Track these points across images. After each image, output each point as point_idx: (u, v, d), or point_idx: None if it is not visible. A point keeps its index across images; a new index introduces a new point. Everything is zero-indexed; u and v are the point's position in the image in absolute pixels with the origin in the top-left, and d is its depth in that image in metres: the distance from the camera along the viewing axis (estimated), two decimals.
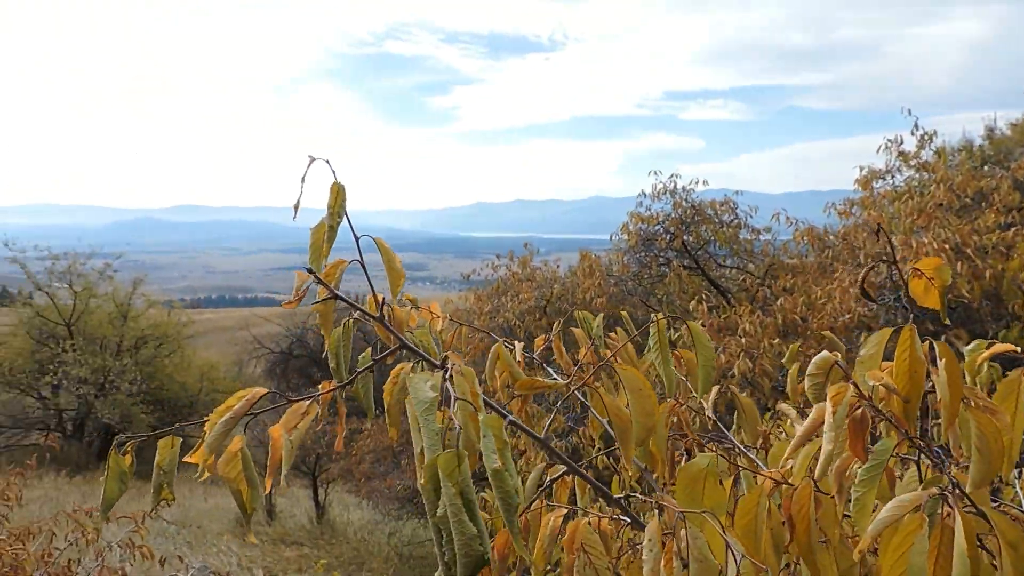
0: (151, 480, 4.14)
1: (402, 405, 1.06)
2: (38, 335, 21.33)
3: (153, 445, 4.76)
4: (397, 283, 1.17)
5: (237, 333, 34.11)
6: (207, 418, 3.98)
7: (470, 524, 0.64)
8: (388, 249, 1.14)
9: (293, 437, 0.97)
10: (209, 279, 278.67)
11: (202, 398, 22.08)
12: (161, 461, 0.96)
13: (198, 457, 0.94)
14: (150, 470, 4.48)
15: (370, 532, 13.11)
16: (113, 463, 1.02)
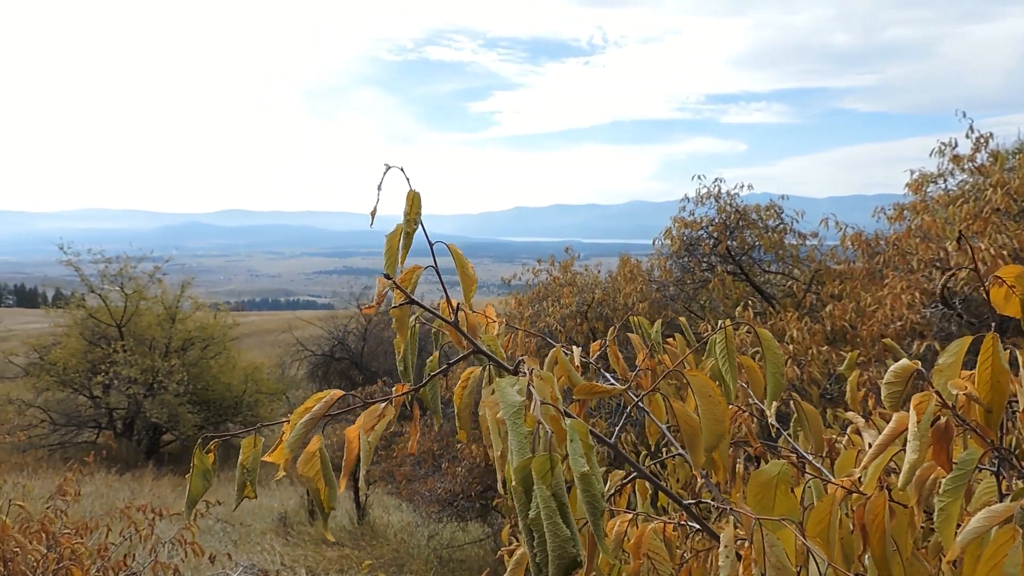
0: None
1: (472, 408, 1.07)
2: (91, 336, 21.95)
3: (200, 446, 4.87)
4: (470, 289, 1.18)
5: (280, 336, 34.68)
6: (254, 418, 4.09)
7: (564, 527, 0.65)
8: (461, 255, 1.15)
9: (371, 438, 0.98)
10: (253, 282, 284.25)
11: (246, 399, 22.45)
12: (245, 460, 0.98)
13: (277, 456, 0.96)
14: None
15: (410, 534, 13.19)
16: (198, 461, 1.05)
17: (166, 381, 20.30)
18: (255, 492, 1.04)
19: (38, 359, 22.10)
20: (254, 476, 1.02)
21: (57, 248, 21.76)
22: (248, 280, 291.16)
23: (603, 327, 9.88)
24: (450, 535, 12.28)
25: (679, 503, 1.03)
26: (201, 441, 1.08)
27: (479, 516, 10.99)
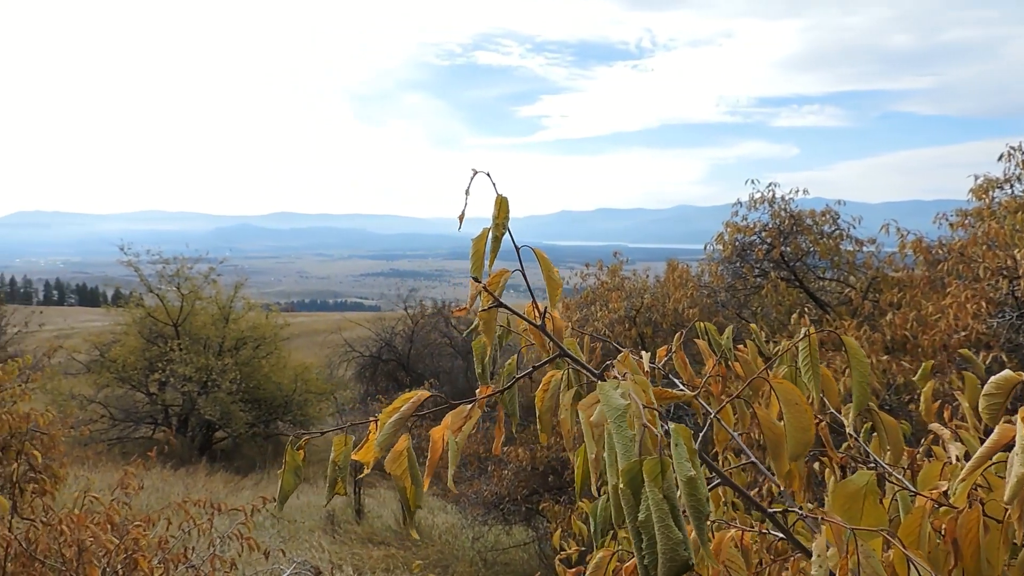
0: (247, 476, 4.30)
1: (553, 411, 1.07)
2: (148, 335, 22.60)
3: (250, 443, 4.99)
4: (555, 292, 1.19)
5: (328, 336, 35.24)
6: (304, 417, 4.15)
7: (676, 529, 0.65)
8: (547, 259, 1.16)
9: (459, 439, 1.00)
10: (303, 284, 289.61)
11: (296, 398, 22.82)
12: (336, 458, 1.00)
13: (365, 454, 0.98)
14: (248, 466, 4.67)
15: (454, 536, 13.25)
16: (289, 458, 1.08)
17: (219, 379, 20.74)
18: (345, 489, 1.06)
19: (99, 356, 22.85)
20: (344, 473, 1.04)
21: (117, 249, 22.46)
22: (297, 281, 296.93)
23: (651, 332, 9.79)
24: (494, 538, 12.31)
25: (764, 512, 1.01)
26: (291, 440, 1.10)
27: (524, 520, 10.99)
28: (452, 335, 25.28)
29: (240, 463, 20.30)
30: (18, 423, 5.63)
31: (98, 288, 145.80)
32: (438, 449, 0.97)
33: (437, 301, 27.55)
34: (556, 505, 8.43)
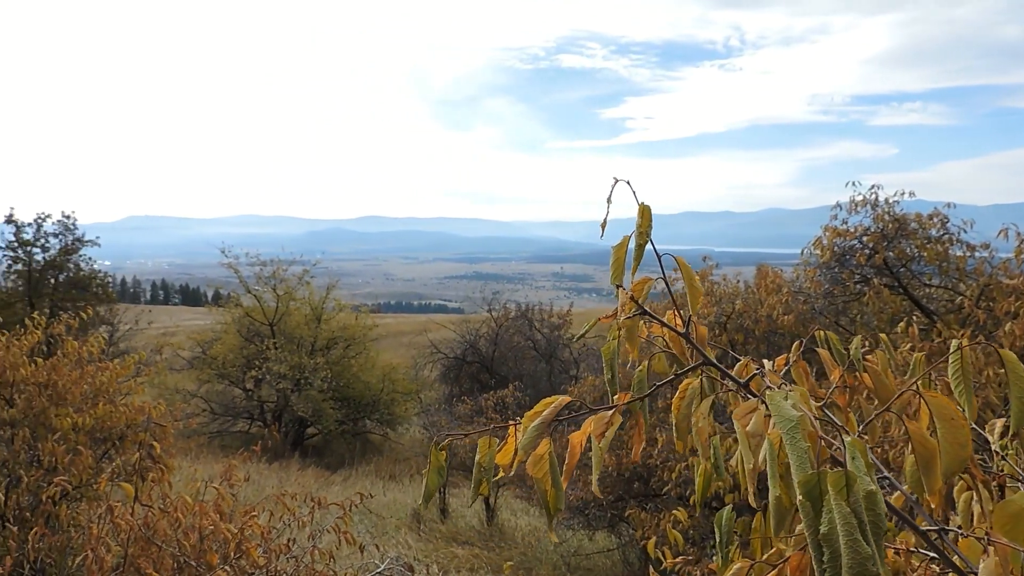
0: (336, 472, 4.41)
1: (689, 419, 1.06)
2: (246, 333, 23.62)
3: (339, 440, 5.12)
4: (696, 300, 1.18)
5: (414, 338, 35.95)
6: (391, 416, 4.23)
7: (864, 544, 0.63)
8: (688, 267, 1.15)
9: (602, 444, 1.00)
10: (388, 285, 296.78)
11: (383, 397, 23.32)
12: (482, 459, 1.02)
13: (504, 457, 1.00)
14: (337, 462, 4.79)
15: (537, 538, 13.26)
16: (433, 457, 1.10)
17: (311, 378, 21.44)
18: (489, 489, 1.08)
19: (201, 353, 24.06)
20: (490, 475, 1.06)
21: (218, 251, 23.58)
22: (384, 283, 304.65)
23: (743, 339, 9.52)
24: (577, 543, 12.24)
25: (915, 529, 0.96)
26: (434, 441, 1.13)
27: (608, 526, 10.88)
28: (535, 338, 25.33)
29: (330, 459, 20.92)
30: (134, 415, 6.00)
31: (199, 288, 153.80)
32: (576, 453, 0.97)
33: (520, 304, 27.66)
34: (643, 512, 8.31)
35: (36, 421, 5.55)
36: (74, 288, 22.22)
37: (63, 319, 6.40)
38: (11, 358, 5.68)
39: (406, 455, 21.88)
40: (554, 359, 24.35)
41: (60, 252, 21.95)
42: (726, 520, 1.11)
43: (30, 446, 5.49)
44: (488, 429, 1.07)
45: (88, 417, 5.67)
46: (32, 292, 21.32)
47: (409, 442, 23.44)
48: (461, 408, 14.79)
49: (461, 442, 13.94)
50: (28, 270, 21.50)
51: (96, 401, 5.94)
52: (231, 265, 23.07)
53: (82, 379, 5.94)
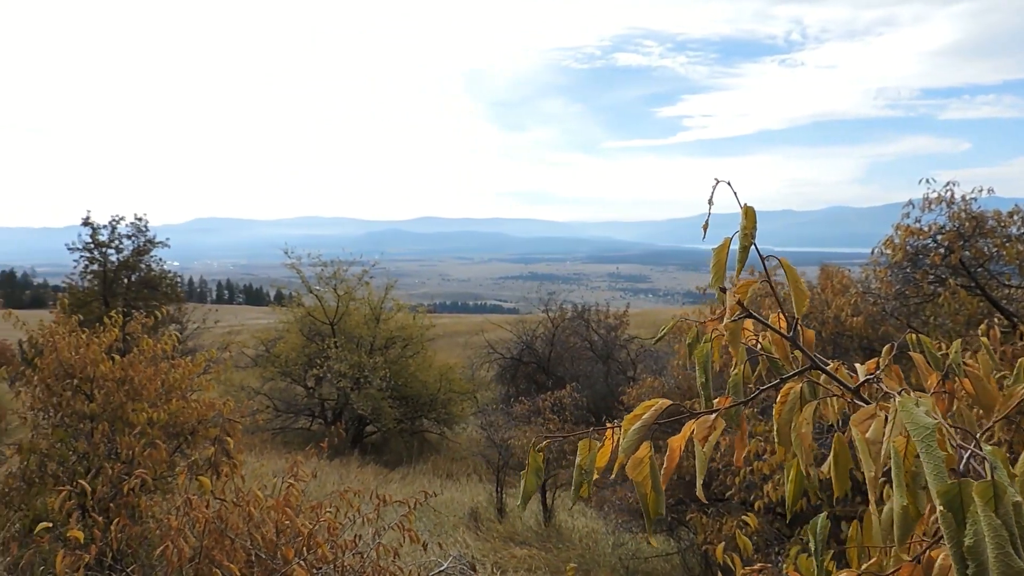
0: (395, 469, 4.44)
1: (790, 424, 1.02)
2: (308, 332, 24.15)
3: (397, 438, 5.17)
4: (802, 303, 1.14)
5: (470, 338, 36.16)
6: (447, 415, 4.26)
7: (1016, 558, 0.59)
8: (793, 269, 1.12)
9: (706, 449, 0.98)
10: (444, 286, 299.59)
11: (440, 397, 23.52)
12: (582, 461, 1.01)
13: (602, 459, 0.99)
14: (396, 460, 4.82)
15: (595, 541, 13.18)
16: (531, 459, 1.10)
17: (371, 376, 21.77)
18: (589, 491, 1.07)
19: (264, 351, 24.71)
20: (591, 476, 1.05)
21: (280, 252, 24.17)
22: (439, 283, 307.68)
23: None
24: (635, 546, 12.12)
25: None
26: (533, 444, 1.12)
27: (667, 530, 10.74)
28: (592, 339, 25.19)
29: (388, 457, 21.21)
30: (205, 411, 6.19)
31: (262, 288, 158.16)
32: (675, 457, 0.95)
33: (577, 305, 27.54)
34: (704, 517, 8.17)
35: (114, 415, 5.78)
36: (145, 287, 23.08)
37: (138, 318, 6.65)
38: (91, 355, 5.93)
39: (463, 454, 22.03)
40: (611, 360, 24.17)
41: (133, 253, 22.82)
42: (820, 528, 1.08)
43: (109, 439, 5.73)
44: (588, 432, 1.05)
45: (162, 412, 5.88)
46: (107, 291, 22.23)
47: (466, 441, 23.59)
48: (518, 408, 14.80)
49: (518, 441, 13.97)
50: (103, 270, 22.42)
51: (169, 397, 6.15)
52: (294, 266, 23.60)
53: (156, 376, 6.15)
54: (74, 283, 22.76)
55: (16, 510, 5.45)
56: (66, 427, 5.81)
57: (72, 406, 5.81)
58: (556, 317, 26.30)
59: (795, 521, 7.01)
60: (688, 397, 10.15)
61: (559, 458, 13.70)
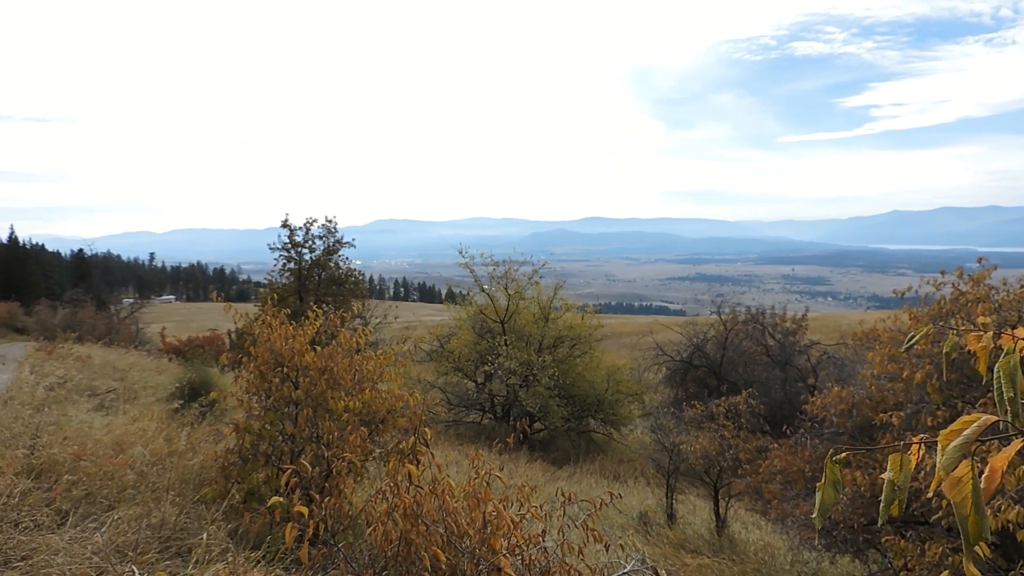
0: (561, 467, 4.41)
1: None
2: (479, 330, 24.96)
3: (564, 437, 5.14)
4: None
5: (637, 339, 35.70)
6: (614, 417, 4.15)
7: None
8: None
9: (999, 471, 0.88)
10: (609, 286, 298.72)
11: (607, 397, 23.41)
12: (896, 478, 0.95)
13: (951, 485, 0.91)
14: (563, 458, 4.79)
15: (771, 555, 12.55)
16: (829, 471, 1.06)
17: (539, 375, 22.10)
18: (902, 509, 1.01)
19: (439, 347, 25.83)
20: (903, 494, 0.99)
21: (453, 251, 25.13)
22: (605, 284, 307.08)
23: None
24: (817, 565, 11.40)
25: None
26: (830, 455, 1.07)
27: (855, 551, 9.99)
28: (768, 344, 24.02)
29: (556, 455, 21.42)
30: (394, 401, 6.56)
31: (435, 286, 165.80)
32: (996, 478, 0.86)
33: (752, 308, 26.37)
34: (903, 541, 7.51)
35: (316, 402, 6.28)
36: (333, 284, 24.90)
37: (337, 314, 7.17)
38: (297, 345, 6.48)
39: (630, 456, 21.80)
40: (789, 366, 22.91)
41: (323, 252, 24.71)
42: None
43: (311, 424, 6.23)
44: (898, 445, 0.98)
45: (357, 401, 6.30)
46: (301, 287, 24.24)
47: (633, 443, 23.32)
48: (690, 413, 14.41)
49: (689, 447, 13.60)
50: (298, 268, 24.46)
51: (362, 387, 6.58)
52: (467, 265, 24.46)
53: (351, 367, 6.61)
54: (273, 280, 25.02)
55: (235, 482, 6.07)
56: (275, 410, 6.38)
57: (280, 392, 6.37)
58: (728, 320, 25.34)
59: (1017, 551, 6.26)
60: (882, 410, 9.38)
61: (734, 467, 13.18)
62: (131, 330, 33.84)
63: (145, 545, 4.42)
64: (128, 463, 6.50)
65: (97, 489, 5.72)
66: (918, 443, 0.93)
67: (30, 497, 5.16)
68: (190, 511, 5.42)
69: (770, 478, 11.10)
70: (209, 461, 6.60)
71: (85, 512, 5.20)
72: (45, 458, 6.15)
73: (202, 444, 8.24)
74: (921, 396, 8.51)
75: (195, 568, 3.97)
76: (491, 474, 3.69)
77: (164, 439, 8.07)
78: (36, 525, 4.75)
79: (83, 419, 9.63)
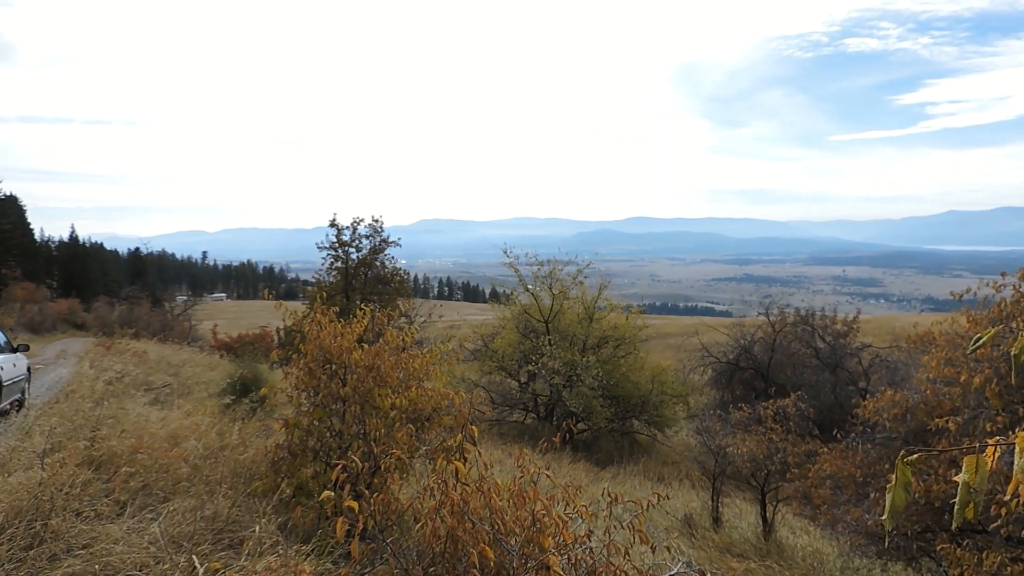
0: (605, 468, 4.35)
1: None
2: (523, 329, 24.96)
3: (607, 437, 5.10)
4: None
5: (683, 340, 35.30)
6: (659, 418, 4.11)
7: None
8: None
9: None
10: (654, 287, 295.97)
11: (652, 399, 23.19)
12: (971, 480, 0.93)
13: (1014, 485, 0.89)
14: (606, 459, 4.74)
15: (820, 561, 12.29)
16: (900, 472, 1.04)
17: (583, 375, 22.00)
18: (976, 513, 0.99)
19: (483, 346, 25.92)
20: (979, 496, 0.97)
21: (497, 251, 25.17)
22: (649, 284, 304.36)
23: None
24: (868, 572, 11.13)
25: None
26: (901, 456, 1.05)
27: (907, 558, 9.71)
28: (817, 346, 23.51)
29: (599, 455, 21.30)
30: (440, 399, 6.61)
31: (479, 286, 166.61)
32: None
33: (801, 309, 25.84)
34: (959, 549, 7.27)
35: (363, 399, 6.36)
36: (379, 283, 25.17)
37: (384, 312, 7.25)
38: (345, 343, 6.57)
39: (675, 458, 21.56)
40: (839, 369, 22.38)
41: (370, 252, 25.00)
42: None
43: (359, 420, 6.31)
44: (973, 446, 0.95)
45: (403, 399, 6.37)
46: (347, 286, 24.57)
47: (678, 445, 23.07)
48: (737, 415, 14.19)
49: (736, 450, 13.39)
50: (345, 267, 24.80)
51: (409, 385, 6.65)
52: (511, 265, 24.50)
53: (398, 364, 6.68)
54: (321, 278, 25.41)
55: (284, 477, 6.19)
56: (323, 407, 6.49)
57: (329, 388, 6.47)
58: (776, 321, 24.87)
59: None
60: (937, 415, 9.10)
61: (782, 471, 12.93)
62: (184, 327, 34.80)
63: (199, 536, 4.54)
64: (182, 456, 6.69)
65: (153, 481, 5.90)
66: (994, 444, 0.90)
67: (91, 488, 5.35)
68: (241, 504, 5.54)
69: (819, 483, 10.86)
70: (259, 456, 6.75)
71: (142, 503, 5.37)
72: (104, 450, 6.37)
73: (253, 439, 8.43)
74: (979, 401, 8.23)
75: (248, 560, 4.07)
76: (539, 472, 3.69)
77: (216, 433, 8.29)
78: (96, 515, 4.92)
79: (140, 412, 9.95)
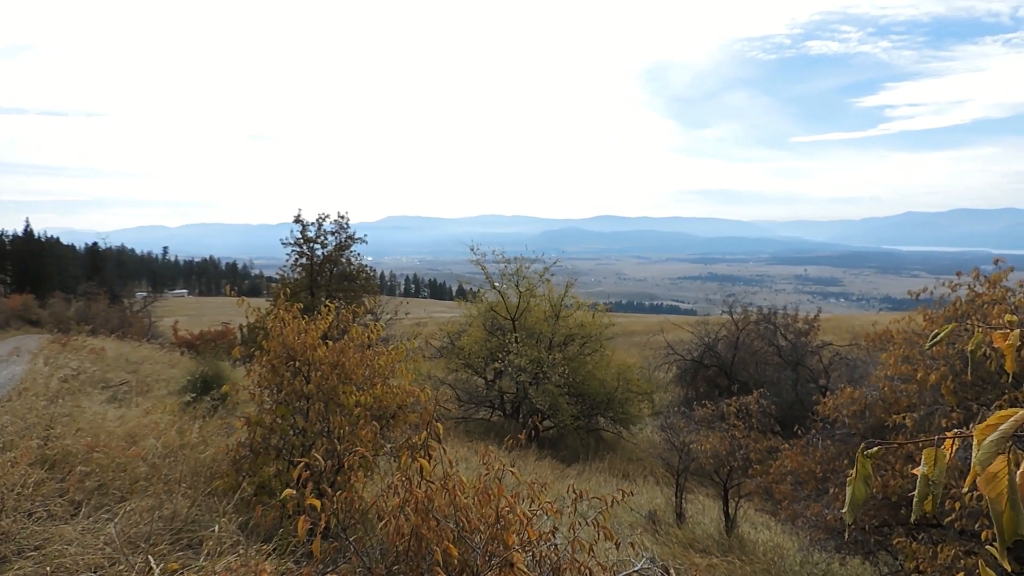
0: (571, 465, 4.37)
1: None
2: (490, 327, 24.94)
3: (574, 435, 5.13)
4: None
5: (648, 338, 35.61)
6: (624, 415, 4.14)
7: None
8: None
9: None
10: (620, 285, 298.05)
11: (617, 396, 23.36)
12: (930, 472, 0.94)
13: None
14: (572, 456, 4.76)
15: (780, 556, 12.50)
16: (860, 466, 1.04)
17: (549, 372, 22.07)
18: (935, 506, 0.99)
19: (449, 344, 25.84)
20: (938, 489, 0.97)
21: (462, 248, 25.11)
22: (616, 282, 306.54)
23: None
24: (827, 566, 11.35)
25: None
26: (862, 449, 1.06)
27: (864, 552, 9.92)
28: (779, 344, 23.90)
29: (565, 453, 21.39)
30: (405, 397, 6.57)
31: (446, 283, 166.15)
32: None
33: (764, 308, 26.24)
34: (914, 543, 7.45)
35: (327, 396, 6.29)
36: (344, 280, 24.91)
37: (349, 309, 7.18)
38: (309, 340, 6.49)
39: (640, 455, 21.75)
40: (800, 367, 22.79)
41: (335, 248, 24.73)
42: None
43: (323, 418, 6.24)
44: (934, 439, 0.96)
45: (368, 396, 6.31)
46: (312, 282, 24.29)
47: (643, 442, 23.27)
48: (700, 412, 14.35)
49: (699, 446, 13.54)
50: (310, 263, 24.50)
51: (374, 382, 6.59)
52: (479, 262, 24.45)
53: (363, 362, 6.61)
54: (286, 275, 25.08)
55: (246, 475, 6.10)
56: (287, 404, 6.40)
57: (292, 386, 6.39)
58: (740, 320, 25.23)
59: None
60: (895, 411, 9.31)
61: (744, 468, 13.12)
62: (144, 323, 34.08)
63: (157, 536, 4.44)
64: (141, 455, 6.54)
65: (110, 480, 5.75)
66: (952, 437, 0.91)
67: (44, 487, 5.20)
68: (202, 503, 5.44)
69: (780, 479, 11.04)
70: (220, 454, 6.63)
71: (98, 503, 5.24)
72: (59, 449, 6.20)
73: (214, 437, 8.28)
74: (935, 398, 8.44)
75: (207, 560, 3.99)
76: (504, 469, 3.69)
77: (176, 432, 8.12)
78: (49, 515, 4.79)
79: (96, 411, 9.70)
